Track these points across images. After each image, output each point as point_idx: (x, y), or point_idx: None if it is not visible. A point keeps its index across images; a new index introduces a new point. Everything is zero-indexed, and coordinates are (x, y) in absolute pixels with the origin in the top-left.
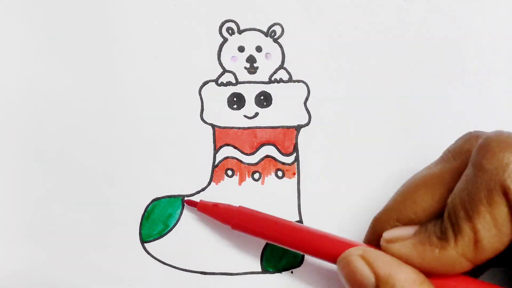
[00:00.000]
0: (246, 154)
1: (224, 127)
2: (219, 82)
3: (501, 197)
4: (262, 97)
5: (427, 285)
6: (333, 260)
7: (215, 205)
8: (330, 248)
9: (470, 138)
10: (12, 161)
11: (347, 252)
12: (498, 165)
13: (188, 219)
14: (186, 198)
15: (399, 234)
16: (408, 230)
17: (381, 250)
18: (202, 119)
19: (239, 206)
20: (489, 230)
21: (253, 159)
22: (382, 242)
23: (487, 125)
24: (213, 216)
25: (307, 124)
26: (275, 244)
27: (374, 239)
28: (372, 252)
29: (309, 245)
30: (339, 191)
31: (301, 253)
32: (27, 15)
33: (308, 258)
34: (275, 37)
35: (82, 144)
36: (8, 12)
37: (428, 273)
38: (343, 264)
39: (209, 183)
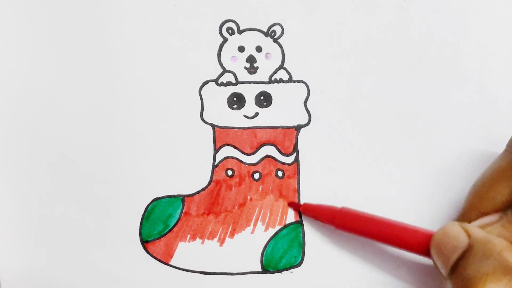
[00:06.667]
0: (246, 154)
1: (224, 127)
2: (219, 82)
3: None
4: (262, 97)
5: None
6: (427, 252)
7: (319, 207)
8: (424, 242)
9: None
10: (13, 163)
11: (444, 225)
12: None
13: (188, 219)
14: (289, 201)
15: (485, 222)
16: (493, 217)
17: None
18: (202, 119)
19: (342, 207)
20: None
21: (253, 159)
22: None
23: (487, 125)
24: (317, 218)
25: (307, 124)
26: (377, 242)
27: None
28: (468, 224)
29: (403, 241)
30: (339, 191)
31: (399, 249)
32: (27, 16)
33: (308, 258)
34: (275, 37)
35: (83, 145)
36: (8, 12)
37: None
38: (439, 234)
39: (209, 183)
